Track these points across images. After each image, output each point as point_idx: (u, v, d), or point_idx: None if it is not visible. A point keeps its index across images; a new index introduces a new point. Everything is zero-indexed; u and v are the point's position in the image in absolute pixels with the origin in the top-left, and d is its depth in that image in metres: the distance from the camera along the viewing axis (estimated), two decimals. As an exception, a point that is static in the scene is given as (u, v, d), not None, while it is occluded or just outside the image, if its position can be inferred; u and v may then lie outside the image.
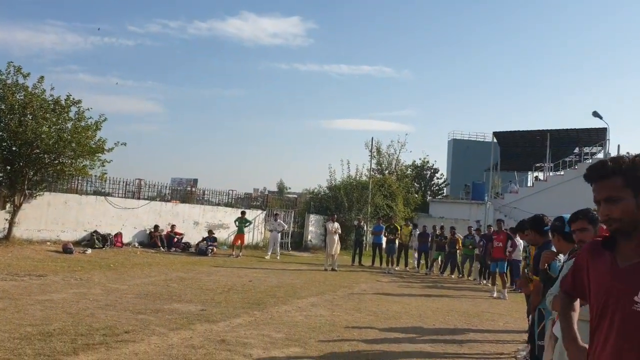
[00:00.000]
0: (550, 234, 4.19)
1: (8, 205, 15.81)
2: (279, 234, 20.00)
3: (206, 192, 25.04)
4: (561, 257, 4.04)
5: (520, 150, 41.60)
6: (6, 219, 15.85)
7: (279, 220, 20.14)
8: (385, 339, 7.35)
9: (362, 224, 20.48)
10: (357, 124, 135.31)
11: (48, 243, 16.60)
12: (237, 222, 19.68)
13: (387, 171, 36.61)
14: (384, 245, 19.39)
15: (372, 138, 29.36)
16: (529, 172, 49.87)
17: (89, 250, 16.21)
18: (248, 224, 19.99)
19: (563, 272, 3.50)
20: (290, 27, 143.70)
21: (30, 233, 16.69)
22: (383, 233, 19.32)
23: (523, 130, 38.89)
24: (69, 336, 5.95)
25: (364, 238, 20.49)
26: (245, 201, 32.16)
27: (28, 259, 13.49)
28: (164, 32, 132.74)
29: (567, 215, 4.03)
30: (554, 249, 4.28)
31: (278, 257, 18.91)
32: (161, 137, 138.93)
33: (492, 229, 17.78)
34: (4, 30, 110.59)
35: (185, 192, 28.89)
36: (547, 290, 3.89)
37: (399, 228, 19.08)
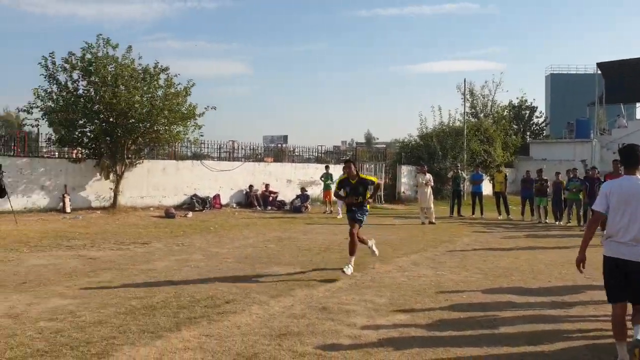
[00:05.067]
0: None
1: (111, 175, 16.50)
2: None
3: (296, 149, 25.06)
4: None
5: (628, 80, 37.85)
6: (111, 188, 16.60)
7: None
8: (497, 302, 6.77)
9: (459, 172, 19.49)
10: (443, 66, 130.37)
11: (151, 209, 17.27)
12: (322, 178, 19.41)
13: (482, 114, 34.74)
14: (483, 194, 18.48)
15: (465, 80, 27.83)
16: (638, 104, 45.71)
17: (190, 214, 16.67)
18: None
19: None
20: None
21: (134, 200, 17.42)
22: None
23: (630, 59, 35.38)
24: (172, 309, 5.93)
25: (462, 187, 19.53)
26: (335, 155, 31.94)
27: (133, 225, 14.04)
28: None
29: None
30: None
31: (337, 214, 17.41)
32: (250, 96, 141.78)
33: (597, 172, 16.30)
34: (92, 7, 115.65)
35: (277, 150, 29.11)
36: None
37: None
